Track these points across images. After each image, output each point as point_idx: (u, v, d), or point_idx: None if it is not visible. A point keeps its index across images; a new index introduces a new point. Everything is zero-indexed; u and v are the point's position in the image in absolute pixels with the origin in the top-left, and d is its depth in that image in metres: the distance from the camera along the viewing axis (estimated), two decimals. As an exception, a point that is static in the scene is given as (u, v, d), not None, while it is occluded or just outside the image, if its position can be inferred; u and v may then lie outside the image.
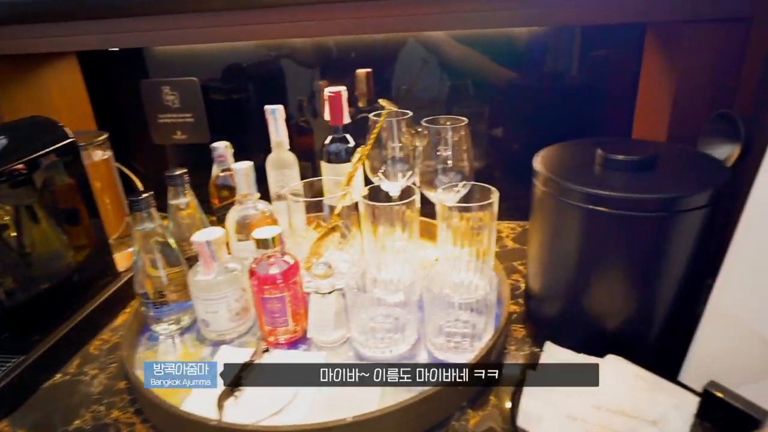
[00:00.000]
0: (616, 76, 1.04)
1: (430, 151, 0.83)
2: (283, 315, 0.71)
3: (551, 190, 0.63)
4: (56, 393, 0.70)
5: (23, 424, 0.65)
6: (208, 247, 0.70)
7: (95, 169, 0.94)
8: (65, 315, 0.79)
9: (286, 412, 0.61)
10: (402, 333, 0.70)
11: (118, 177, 1.00)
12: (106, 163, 0.96)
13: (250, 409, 0.61)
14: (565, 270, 0.65)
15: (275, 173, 0.97)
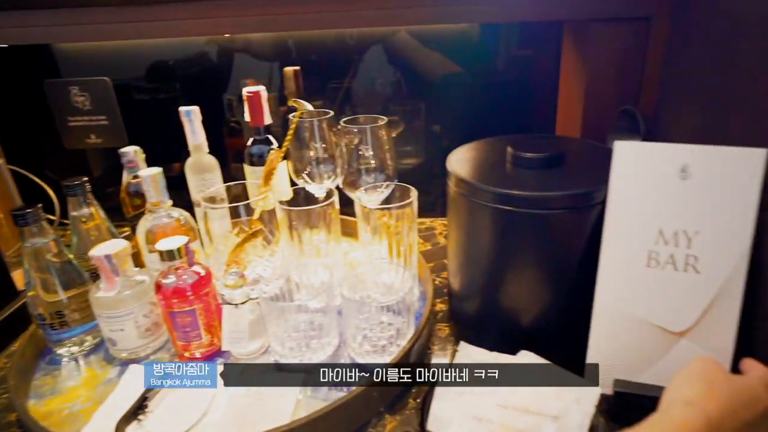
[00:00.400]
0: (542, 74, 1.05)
1: (352, 152, 0.82)
2: (195, 329, 0.67)
3: (463, 191, 0.62)
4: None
5: None
6: (108, 261, 0.66)
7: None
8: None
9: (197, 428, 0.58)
10: (324, 339, 0.68)
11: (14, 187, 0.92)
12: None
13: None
14: (480, 268, 0.65)
15: (195, 178, 0.92)
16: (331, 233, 0.78)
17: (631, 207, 0.53)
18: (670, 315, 0.54)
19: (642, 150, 0.52)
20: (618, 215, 0.54)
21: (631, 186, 0.53)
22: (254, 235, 0.81)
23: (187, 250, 0.66)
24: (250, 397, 0.61)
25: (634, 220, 0.53)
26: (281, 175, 0.92)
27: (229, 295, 0.66)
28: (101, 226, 0.79)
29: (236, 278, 0.65)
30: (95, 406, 0.63)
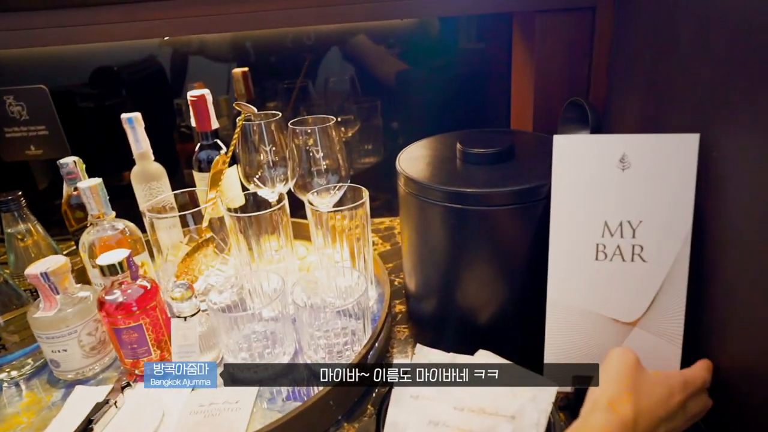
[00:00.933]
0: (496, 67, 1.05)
1: (302, 154, 0.80)
2: (143, 344, 0.64)
3: (413, 190, 0.61)
4: None
5: None
6: (45, 279, 0.62)
7: None
8: None
9: (144, 454, 0.55)
10: (278, 348, 0.66)
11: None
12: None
13: (100, 457, 0.55)
14: (434, 268, 0.64)
15: (141, 187, 0.89)
16: (283, 239, 0.76)
17: (575, 200, 0.53)
18: (622, 306, 0.54)
19: (580, 143, 0.52)
20: (563, 209, 0.54)
21: (573, 179, 0.53)
22: (204, 244, 0.78)
23: (129, 263, 0.63)
24: (201, 413, 0.59)
25: (579, 214, 0.53)
26: (231, 180, 0.90)
27: (177, 308, 0.64)
28: (40, 243, 0.76)
29: (183, 290, 0.63)
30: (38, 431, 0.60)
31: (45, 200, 1.14)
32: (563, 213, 0.54)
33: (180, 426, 0.58)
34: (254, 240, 0.75)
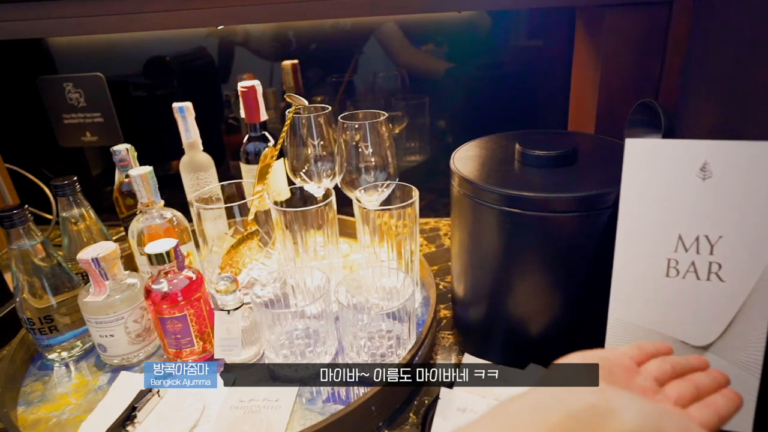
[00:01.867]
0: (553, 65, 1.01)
1: (351, 150, 0.78)
2: (186, 335, 0.64)
3: (467, 191, 0.59)
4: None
5: None
6: (96, 264, 0.63)
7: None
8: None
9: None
10: (320, 347, 0.65)
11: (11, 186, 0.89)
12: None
13: (142, 446, 0.55)
14: (486, 273, 0.61)
15: (189, 177, 0.89)
16: (328, 235, 0.74)
17: (646, 210, 0.49)
18: (693, 328, 0.49)
19: (657, 147, 0.48)
20: (632, 220, 0.49)
21: (646, 187, 0.49)
22: (249, 237, 0.78)
23: (176, 253, 0.63)
24: (242, 409, 0.58)
25: (650, 225, 0.49)
26: (278, 173, 0.89)
27: (221, 301, 0.63)
28: (92, 228, 0.77)
29: (228, 283, 0.62)
30: (84, 415, 0.61)
31: (98, 186, 1.17)
32: (632, 223, 0.50)
33: (220, 420, 0.57)
34: (299, 235, 0.74)
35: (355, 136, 0.77)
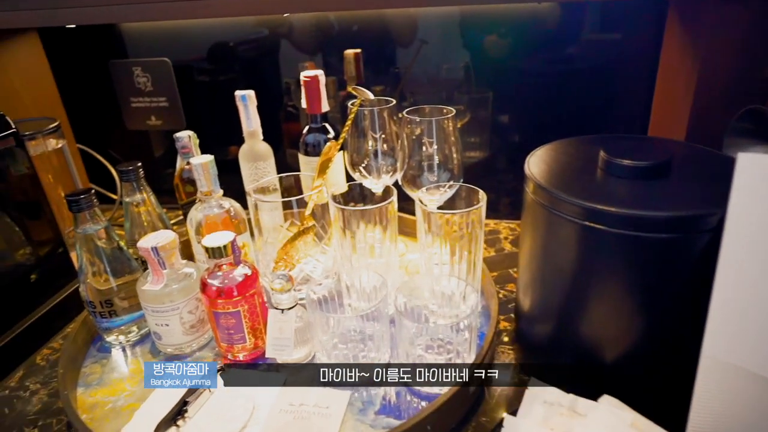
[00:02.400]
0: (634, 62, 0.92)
1: (413, 146, 0.74)
2: (239, 331, 0.63)
3: (542, 200, 0.54)
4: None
5: (-49, 446, 0.59)
6: (155, 253, 0.63)
7: (47, 159, 0.87)
8: (12, 320, 0.73)
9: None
10: (373, 353, 0.62)
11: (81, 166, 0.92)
12: (58, 153, 0.89)
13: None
14: (558, 290, 0.56)
15: (248, 166, 0.89)
16: (387, 234, 0.71)
17: (757, 236, 0.43)
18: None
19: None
20: (740, 246, 0.43)
21: (758, 210, 0.43)
22: (305, 232, 0.76)
23: (233, 247, 0.61)
24: (291, 413, 0.57)
25: (760, 254, 0.43)
26: (337, 167, 0.87)
27: (276, 299, 0.62)
28: (152, 213, 0.77)
29: (283, 282, 0.60)
30: (137, 403, 0.61)
31: (160, 168, 1.19)
32: (740, 250, 0.43)
33: (269, 424, 0.56)
34: (356, 232, 0.71)
35: (419, 132, 0.73)
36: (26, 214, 0.79)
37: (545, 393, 0.50)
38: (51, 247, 0.82)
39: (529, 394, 0.51)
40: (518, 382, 0.62)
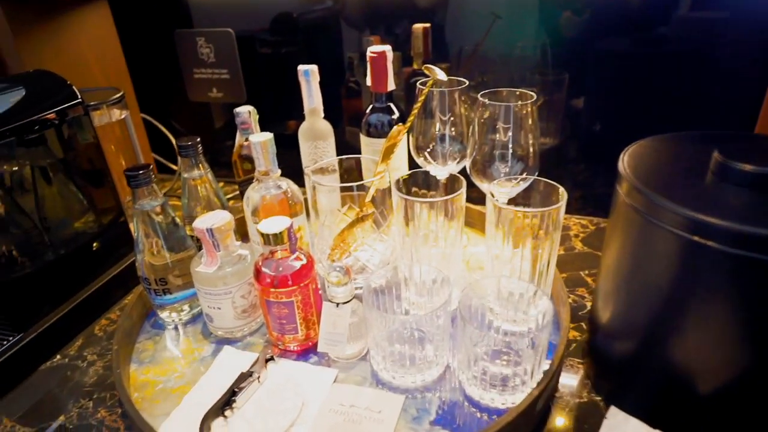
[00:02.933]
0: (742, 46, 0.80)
1: (486, 132, 0.68)
2: (291, 322, 0.61)
3: (638, 204, 0.47)
4: (50, 378, 0.65)
5: (12, 411, 0.60)
6: (209, 235, 0.60)
7: (110, 129, 0.87)
8: (73, 288, 0.74)
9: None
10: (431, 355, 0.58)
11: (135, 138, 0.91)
12: (121, 124, 0.89)
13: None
14: (647, 307, 0.49)
15: (308, 145, 0.85)
16: (452, 227, 0.66)
17: None
18: None
19: None
20: None
21: None
22: (364, 218, 0.72)
23: (289, 234, 0.58)
24: (342, 415, 0.54)
25: None
26: (400, 150, 0.82)
27: (332, 292, 0.58)
28: (209, 190, 0.75)
29: (340, 275, 0.57)
30: (187, 386, 0.60)
31: (220, 140, 1.18)
32: None
33: (318, 424, 0.53)
34: (419, 222, 0.66)
35: (493, 117, 0.66)
36: (90, 182, 0.79)
37: (627, 426, 0.44)
38: (113, 216, 0.82)
39: (608, 424, 0.45)
40: (588, 402, 0.56)
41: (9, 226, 0.67)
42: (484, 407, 0.55)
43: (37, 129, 0.69)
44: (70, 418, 0.59)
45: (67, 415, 0.59)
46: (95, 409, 0.59)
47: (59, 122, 0.71)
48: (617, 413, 0.45)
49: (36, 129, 0.69)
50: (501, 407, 0.54)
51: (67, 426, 0.58)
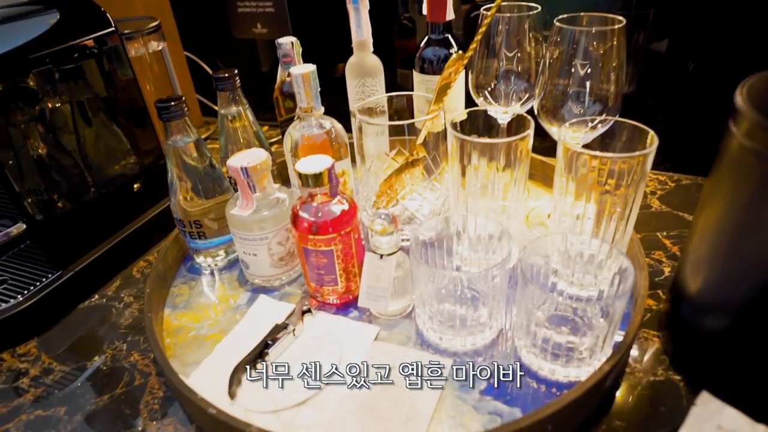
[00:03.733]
0: None
1: (560, 67, 0.58)
2: (330, 272, 0.55)
3: (762, 147, 0.37)
4: (88, 318, 0.63)
5: (50, 348, 0.60)
6: (245, 174, 0.55)
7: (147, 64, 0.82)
8: (113, 228, 0.72)
9: (314, 403, 0.47)
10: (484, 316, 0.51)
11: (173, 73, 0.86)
12: (158, 58, 0.84)
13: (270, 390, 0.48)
14: (758, 278, 0.40)
15: (355, 82, 0.78)
16: (515, 176, 0.58)
17: None
18: None
19: None
20: None
21: None
22: (414, 164, 0.65)
23: (331, 176, 0.52)
24: (381, 377, 0.49)
25: None
26: (457, 89, 0.73)
27: (375, 242, 0.52)
28: (248, 129, 0.70)
29: (386, 223, 0.50)
30: (220, 335, 0.57)
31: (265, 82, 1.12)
32: None
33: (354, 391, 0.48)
34: (476, 169, 0.58)
35: (571, 47, 0.57)
36: (130, 122, 0.76)
37: (722, 416, 0.37)
38: (154, 157, 0.79)
39: (697, 413, 0.37)
40: (665, 381, 0.49)
41: (51, 165, 0.64)
42: (542, 378, 0.48)
43: (75, 57, 0.65)
44: (105, 360, 0.57)
45: (101, 357, 0.57)
46: (128, 352, 0.57)
47: (97, 52, 0.67)
48: (710, 400, 0.37)
49: (75, 57, 0.65)
50: (562, 380, 0.48)
51: (101, 367, 0.56)
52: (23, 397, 0.53)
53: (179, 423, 0.48)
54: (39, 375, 0.56)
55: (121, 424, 0.49)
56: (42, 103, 0.63)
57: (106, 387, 0.53)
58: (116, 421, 0.49)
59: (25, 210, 0.61)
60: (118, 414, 0.50)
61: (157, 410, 0.50)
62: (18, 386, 0.55)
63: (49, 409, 0.52)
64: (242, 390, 0.49)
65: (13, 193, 0.60)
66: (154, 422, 0.49)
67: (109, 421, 0.49)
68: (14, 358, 0.58)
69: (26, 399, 0.53)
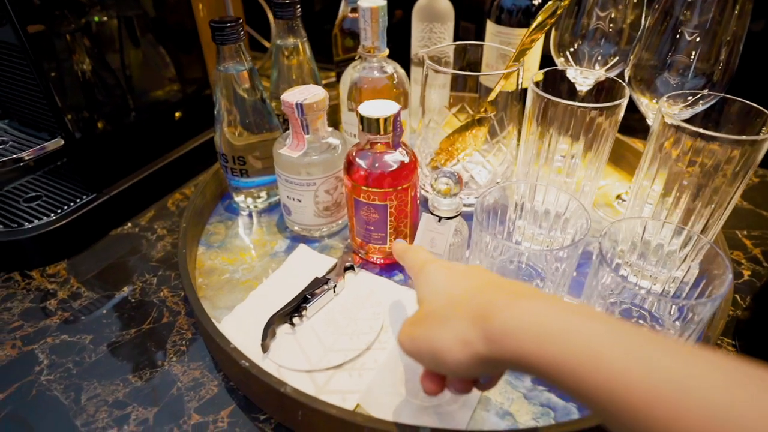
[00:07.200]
0: None
1: (659, 32, 0.51)
2: (380, 230, 0.51)
3: None
4: (119, 246, 0.61)
5: (80, 272, 0.57)
6: (299, 111, 0.50)
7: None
8: (150, 156, 0.69)
9: (351, 367, 0.44)
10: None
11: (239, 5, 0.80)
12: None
13: (304, 348, 0.45)
14: None
15: (422, 27, 0.71)
16: (597, 149, 0.52)
17: None
18: None
19: None
20: None
21: None
22: (481, 123, 0.59)
23: (395, 123, 0.47)
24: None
25: None
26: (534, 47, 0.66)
27: (434, 202, 0.47)
28: (304, 66, 0.64)
29: (451, 183, 0.45)
30: (254, 282, 0.53)
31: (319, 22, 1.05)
32: None
33: (397, 356, 0.44)
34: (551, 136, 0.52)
35: (680, 11, 0.49)
36: (178, 47, 0.71)
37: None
38: (198, 86, 0.75)
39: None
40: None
41: (93, 82, 0.60)
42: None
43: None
44: (133, 291, 0.54)
45: (130, 288, 0.55)
46: (158, 287, 0.55)
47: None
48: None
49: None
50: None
51: (129, 299, 0.53)
52: (50, 319, 0.51)
53: (206, 370, 0.46)
54: (66, 299, 0.54)
55: (147, 362, 0.47)
56: (89, 15, 0.58)
57: (133, 320, 0.51)
58: (141, 357, 0.47)
59: (65, 125, 0.58)
60: (143, 350, 0.48)
61: (184, 352, 0.47)
62: (46, 307, 0.53)
63: (74, 335, 0.49)
64: (275, 344, 0.45)
65: (54, 105, 0.56)
66: (181, 365, 0.46)
67: (134, 357, 0.47)
68: (43, 277, 0.56)
69: (53, 321, 0.51)
